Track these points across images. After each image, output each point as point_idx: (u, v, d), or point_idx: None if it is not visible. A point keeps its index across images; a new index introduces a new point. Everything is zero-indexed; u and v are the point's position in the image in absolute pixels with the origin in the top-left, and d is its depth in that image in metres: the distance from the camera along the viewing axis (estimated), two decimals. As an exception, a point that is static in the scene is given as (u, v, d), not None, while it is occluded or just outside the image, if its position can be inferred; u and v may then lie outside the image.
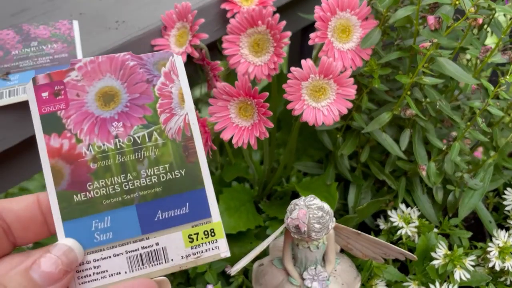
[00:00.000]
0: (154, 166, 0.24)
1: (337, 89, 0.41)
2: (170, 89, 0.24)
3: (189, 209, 0.24)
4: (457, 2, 0.36)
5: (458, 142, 0.45)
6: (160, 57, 0.25)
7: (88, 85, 0.24)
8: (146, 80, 0.24)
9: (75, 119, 0.24)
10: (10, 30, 0.44)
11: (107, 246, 0.24)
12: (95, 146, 0.24)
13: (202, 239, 0.24)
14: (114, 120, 0.24)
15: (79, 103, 0.24)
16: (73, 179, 0.24)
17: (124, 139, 0.24)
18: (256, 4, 0.46)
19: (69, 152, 0.24)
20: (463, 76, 0.39)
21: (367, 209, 0.49)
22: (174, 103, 0.24)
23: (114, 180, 0.24)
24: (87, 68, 0.24)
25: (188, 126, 0.24)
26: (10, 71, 0.40)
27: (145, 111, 0.24)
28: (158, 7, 0.48)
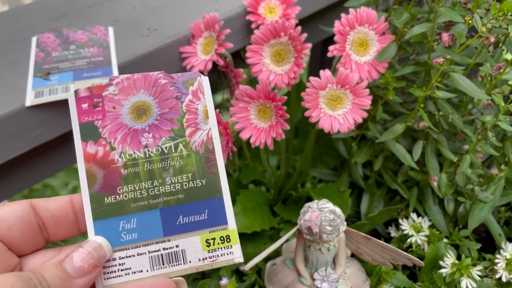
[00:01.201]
0: (178, 175, 0.26)
1: (353, 99, 0.43)
2: (196, 106, 0.27)
3: (208, 215, 0.25)
4: (471, 21, 0.38)
5: (469, 155, 0.46)
6: (189, 77, 0.27)
7: (124, 99, 0.27)
8: (176, 97, 0.27)
9: (110, 129, 0.26)
10: (51, 34, 0.47)
11: (132, 245, 0.26)
12: (126, 154, 0.26)
13: (218, 244, 0.25)
14: (145, 132, 0.26)
15: (114, 115, 0.26)
16: (105, 183, 0.26)
17: (153, 149, 0.26)
18: (279, 16, 0.49)
19: (103, 158, 0.26)
20: (475, 91, 0.41)
21: (379, 217, 0.51)
22: (199, 119, 0.26)
23: (141, 185, 0.26)
24: (123, 84, 0.27)
25: (211, 140, 0.26)
26: (50, 72, 0.43)
27: (173, 125, 0.27)
28: (187, 16, 0.50)
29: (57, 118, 0.43)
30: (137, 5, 0.52)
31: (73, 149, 0.50)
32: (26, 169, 0.49)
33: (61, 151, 0.49)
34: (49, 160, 0.49)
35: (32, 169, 0.49)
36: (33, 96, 0.41)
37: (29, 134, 0.42)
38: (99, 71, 0.43)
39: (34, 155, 0.47)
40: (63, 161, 0.52)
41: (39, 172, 0.50)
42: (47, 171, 0.50)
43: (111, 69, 0.43)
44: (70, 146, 0.51)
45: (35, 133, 0.42)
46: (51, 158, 0.49)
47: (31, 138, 0.42)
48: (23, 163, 0.47)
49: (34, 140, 0.43)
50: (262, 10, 0.49)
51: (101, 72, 0.43)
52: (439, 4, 0.39)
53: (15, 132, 0.41)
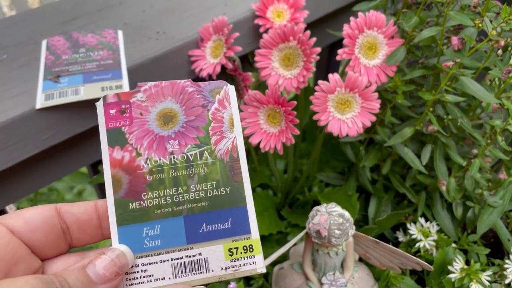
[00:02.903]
0: (202, 182, 0.26)
1: (362, 102, 0.43)
2: (222, 114, 0.26)
3: (231, 224, 0.25)
4: (480, 24, 0.38)
5: (478, 159, 0.46)
6: (215, 85, 0.27)
7: (151, 106, 0.27)
8: (202, 105, 0.27)
9: (137, 135, 0.26)
10: (61, 37, 0.48)
11: (155, 252, 0.25)
12: (152, 160, 0.26)
13: (241, 253, 0.25)
14: (171, 139, 0.26)
15: (141, 121, 0.27)
16: (130, 189, 0.26)
17: (178, 156, 0.26)
18: (287, 20, 0.49)
19: (129, 164, 0.26)
20: (484, 95, 0.40)
21: (387, 221, 0.51)
22: (225, 127, 0.26)
23: (166, 192, 0.26)
24: (151, 91, 0.27)
25: (236, 148, 0.26)
26: (60, 74, 0.43)
27: (199, 132, 0.26)
28: (196, 20, 0.51)
29: (67, 120, 0.43)
30: (147, 8, 0.53)
31: (81, 152, 0.51)
32: (35, 172, 0.49)
33: (70, 154, 0.50)
34: (58, 163, 0.49)
35: (41, 171, 0.49)
36: (43, 98, 0.41)
37: (39, 136, 0.42)
38: (108, 74, 0.43)
39: (43, 157, 0.47)
40: (72, 164, 0.52)
41: (48, 175, 0.50)
42: (56, 173, 0.50)
43: (121, 72, 0.44)
44: (79, 149, 0.51)
45: (45, 135, 0.42)
46: (60, 160, 0.49)
47: (41, 140, 0.42)
48: (32, 166, 0.48)
49: (44, 142, 0.43)
50: (270, 14, 0.49)
51: (110, 75, 0.43)
52: (449, 8, 0.39)
53: (26, 134, 0.41)
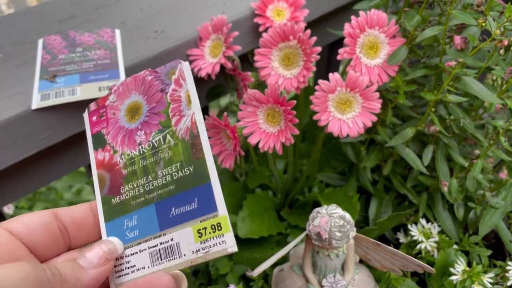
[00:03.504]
0: (168, 166, 0.25)
1: (363, 102, 0.42)
2: (180, 93, 0.26)
3: (198, 204, 0.24)
4: (484, 23, 0.37)
5: (480, 160, 0.45)
6: (170, 66, 0.27)
7: (120, 103, 0.28)
8: (160, 90, 0.27)
9: (112, 133, 0.28)
10: (58, 36, 0.47)
11: (135, 242, 0.26)
12: (125, 155, 0.27)
13: (210, 233, 0.24)
14: (138, 130, 0.27)
15: (114, 120, 0.28)
16: (111, 185, 0.27)
17: (145, 145, 0.26)
18: (287, 19, 0.49)
19: (109, 162, 0.27)
20: (487, 95, 0.40)
21: (388, 222, 0.50)
22: (183, 106, 0.26)
23: (138, 182, 0.26)
24: (119, 90, 0.28)
25: (195, 124, 0.25)
26: (57, 74, 0.43)
27: (160, 117, 0.26)
28: (195, 19, 0.50)
29: (63, 120, 0.42)
30: (145, 7, 0.52)
31: (79, 152, 0.50)
32: (32, 172, 0.48)
33: (68, 154, 0.49)
34: (55, 163, 0.48)
35: (39, 171, 0.49)
36: (39, 98, 0.40)
37: (35, 137, 0.41)
38: (105, 73, 0.42)
39: (40, 158, 0.47)
40: (70, 164, 0.51)
41: (46, 175, 0.50)
42: (53, 174, 0.49)
43: (118, 72, 0.43)
44: (76, 149, 0.50)
45: (42, 136, 0.42)
46: (57, 161, 0.49)
47: (37, 141, 0.42)
48: (29, 166, 0.47)
49: (41, 143, 0.42)
50: (270, 12, 0.49)
51: (107, 75, 0.43)
52: (452, 7, 0.38)
53: (22, 135, 0.40)
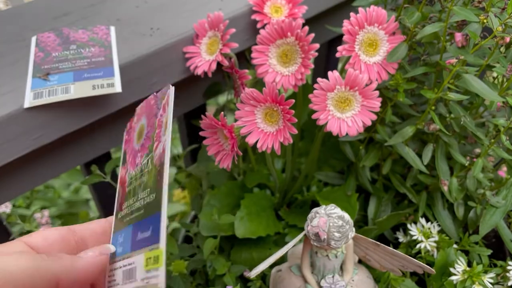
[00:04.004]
0: (144, 190, 0.26)
1: (362, 101, 0.41)
2: (162, 119, 0.26)
3: (151, 232, 0.24)
4: (485, 20, 0.36)
5: (481, 159, 0.45)
6: (163, 92, 0.27)
7: (135, 126, 0.29)
8: (155, 114, 0.27)
9: (128, 153, 0.29)
10: (51, 33, 0.46)
11: (118, 258, 0.26)
12: (130, 173, 0.28)
13: (152, 264, 0.23)
14: (138, 152, 0.28)
15: (131, 141, 0.29)
16: (120, 201, 0.28)
17: (138, 167, 0.27)
18: (285, 16, 0.48)
19: (123, 179, 0.29)
20: (488, 93, 0.39)
21: (387, 222, 0.50)
22: (162, 131, 0.26)
23: (130, 201, 0.27)
24: (137, 113, 0.30)
25: (164, 152, 0.25)
26: (50, 72, 0.42)
27: (149, 141, 0.27)
28: (191, 16, 0.49)
29: (57, 119, 0.42)
30: (140, 4, 0.51)
31: (76, 150, 0.49)
32: (27, 171, 0.48)
33: (64, 152, 0.48)
34: (51, 162, 0.48)
35: (34, 171, 0.48)
36: (32, 97, 0.40)
37: (28, 136, 0.41)
38: (100, 71, 0.42)
39: (35, 157, 0.46)
40: (66, 163, 0.51)
41: (41, 174, 0.49)
42: (49, 173, 0.49)
43: (113, 70, 0.42)
44: (73, 148, 0.50)
45: (35, 135, 0.41)
46: (53, 160, 0.48)
47: (30, 140, 0.41)
48: (24, 165, 0.46)
49: (34, 142, 0.41)
50: (268, 9, 0.48)
51: (102, 73, 0.42)
52: (453, 3, 0.37)
53: (14, 134, 0.40)
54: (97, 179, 0.50)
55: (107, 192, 0.61)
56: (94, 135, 0.51)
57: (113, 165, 0.50)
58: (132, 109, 0.50)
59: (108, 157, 0.56)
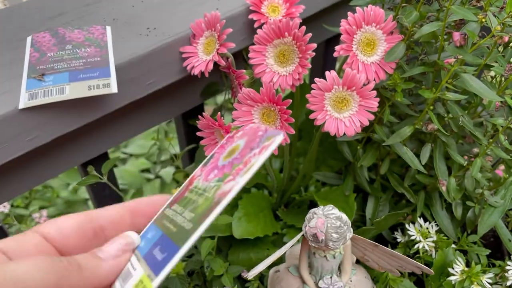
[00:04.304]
0: (190, 211, 0.24)
1: (360, 101, 0.41)
2: (252, 160, 0.24)
3: (161, 259, 0.23)
4: (483, 19, 0.36)
5: (479, 158, 0.45)
6: (271, 133, 0.25)
7: (234, 141, 0.27)
8: (251, 148, 0.25)
9: (212, 160, 0.28)
10: (47, 33, 0.46)
11: (135, 254, 0.25)
12: (198, 182, 0.26)
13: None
14: (217, 170, 0.26)
15: (222, 152, 0.28)
16: (176, 198, 0.27)
17: (206, 183, 0.25)
18: (282, 15, 0.47)
19: (192, 179, 0.28)
20: (487, 93, 0.39)
21: (385, 222, 0.49)
22: (242, 172, 0.23)
23: (177, 209, 0.25)
24: (245, 130, 0.28)
25: (228, 193, 0.23)
26: (45, 72, 0.41)
27: (229, 169, 0.25)
28: (188, 15, 0.49)
29: (52, 120, 0.41)
30: (136, 3, 0.51)
31: (73, 151, 0.49)
32: (24, 172, 0.47)
33: (60, 153, 0.48)
34: (47, 163, 0.48)
35: (30, 172, 0.48)
36: (27, 98, 0.39)
37: (23, 137, 0.40)
38: (96, 72, 0.41)
39: (31, 158, 0.46)
40: (62, 164, 0.50)
41: (38, 175, 0.49)
42: (46, 174, 0.48)
43: (109, 70, 0.42)
44: (69, 149, 0.49)
45: (30, 136, 0.41)
46: (49, 160, 0.48)
47: (26, 141, 0.41)
48: (20, 166, 0.46)
49: (29, 143, 0.41)
50: (265, 8, 0.48)
51: (98, 73, 0.41)
52: (451, 2, 0.37)
53: (9, 135, 0.39)
54: (94, 180, 0.49)
55: (104, 192, 0.60)
56: (90, 136, 0.50)
57: (110, 165, 0.50)
58: (128, 109, 0.50)
59: (105, 157, 0.55)
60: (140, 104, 0.51)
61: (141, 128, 0.55)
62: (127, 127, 0.54)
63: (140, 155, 1.22)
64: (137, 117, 0.54)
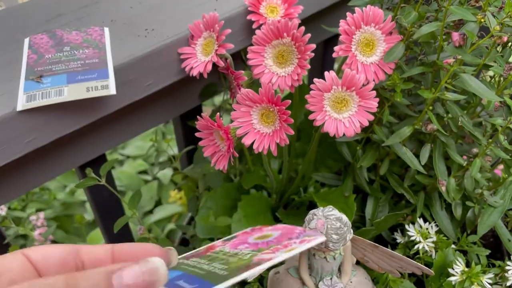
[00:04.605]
0: (221, 263, 0.25)
1: (359, 101, 0.41)
2: (292, 244, 0.25)
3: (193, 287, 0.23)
4: (482, 19, 0.36)
5: (479, 158, 0.45)
6: (313, 233, 0.27)
7: (263, 231, 0.29)
8: (289, 238, 0.26)
9: (236, 238, 0.29)
10: (44, 35, 0.46)
11: None
12: (224, 248, 0.28)
13: None
14: (247, 244, 0.27)
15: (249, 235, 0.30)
16: (193, 254, 0.28)
17: (234, 250, 0.26)
18: (281, 16, 0.47)
19: (213, 246, 0.29)
20: (486, 93, 0.39)
21: (385, 222, 0.49)
22: (283, 250, 0.25)
23: (200, 260, 0.26)
24: (277, 226, 0.29)
25: (270, 260, 0.24)
26: (43, 74, 0.41)
27: (264, 246, 0.26)
28: (186, 16, 0.49)
29: (50, 122, 0.41)
30: (134, 4, 0.51)
31: (71, 153, 0.49)
32: (22, 175, 0.47)
33: (58, 155, 0.48)
34: (45, 165, 0.47)
35: (28, 174, 0.48)
36: (25, 100, 0.39)
37: (21, 139, 0.40)
38: (94, 73, 0.41)
39: (29, 160, 0.45)
40: (60, 166, 0.50)
41: (36, 177, 0.49)
42: (44, 176, 0.48)
43: (107, 71, 0.42)
44: (67, 151, 0.49)
45: (28, 138, 0.40)
46: (47, 163, 0.47)
47: (23, 143, 0.40)
48: (18, 168, 0.46)
49: (27, 145, 0.41)
50: (264, 9, 0.48)
51: (96, 75, 0.41)
52: (449, 2, 0.37)
53: (7, 137, 0.39)
54: (92, 182, 0.49)
55: (102, 194, 0.60)
56: (89, 138, 0.50)
57: (108, 167, 0.49)
58: (127, 111, 0.50)
59: (103, 159, 0.55)
60: (138, 106, 0.50)
61: (139, 130, 0.55)
62: (126, 128, 0.53)
63: (137, 157, 1.22)
64: (135, 119, 0.53)
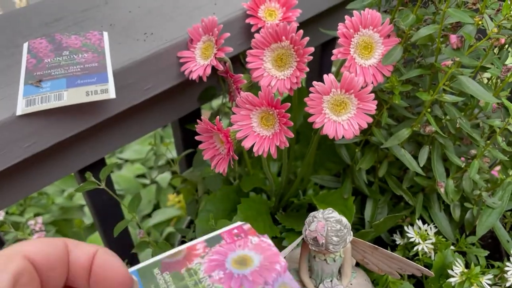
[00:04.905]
0: None
1: (358, 104, 0.41)
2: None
3: None
4: (480, 22, 0.36)
5: (477, 160, 0.45)
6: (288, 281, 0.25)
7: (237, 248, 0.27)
8: (265, 281, 0.25)
9: (217, 256, 0.27)
10: (43, 39, 0.46)
11: None
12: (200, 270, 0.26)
13: None
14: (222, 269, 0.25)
15: (229, 251, 0.27)
16: (168, 263, 0.26)
17: (205, 278, 0.25)
18: (279, 20, 0.48)
19: (191, 252, 0.27)
20: (484, 94, 0.39)
21: (384, 224, 0.49)
22: None
23: (170, 281, 0.25)
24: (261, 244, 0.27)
25: None
26: (42, 79, 0.41)
27: (234, 286, 0.25)
28: (185, 20, 0.49)
29: (49, 127, 0.41)
30: (133, 9, 0.51)
31: (70, 158, 0.49)
32: (21, 179, 0.47)
33: (57, 160, 0.48)
34: (45, 169, 0.47)
35: (28, 179, 0.47)
36: (24, 104, 0.39)
37: (20, 144, 0.40)
38: (93, 77, 0.41)
39: (28, 164, 0.45)
40: (59, 170, 0.50)
41: (36, 182, 0.49)
42: (43, 180, 0.48)
43: (106, 75, 0.42)
44: (66, 155, 0.49)
45: (27, 143, 0.40)
46: (46, 167, 0.47)
47: (23, 148, 0.40)
48: (17, 173, 0.46)
49: (27, 150, 0.41)
50: (262, 13, 0.48)
51: (95, 79, 0.41)
52: (447, 5, 0.37)
53: (6, 142, 0.39)
54: (92, 186, 0.49)
55: (101, 198, 0.60)
56: (88, 142, 0.50)
57: (108, 171, 0.49)
58: (126, 115, 0.50)
59: (102, 163, 0.55)
60: (138, 109, 0.51)
61: (139, 133, 0.55)
62: (125, 132, 0.53)
63: (135, 160, 1.22)
64: (135, 122, 0.54)
